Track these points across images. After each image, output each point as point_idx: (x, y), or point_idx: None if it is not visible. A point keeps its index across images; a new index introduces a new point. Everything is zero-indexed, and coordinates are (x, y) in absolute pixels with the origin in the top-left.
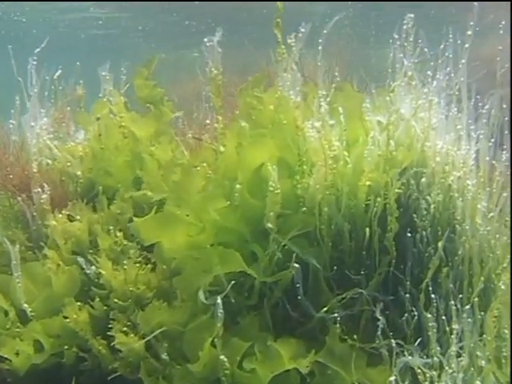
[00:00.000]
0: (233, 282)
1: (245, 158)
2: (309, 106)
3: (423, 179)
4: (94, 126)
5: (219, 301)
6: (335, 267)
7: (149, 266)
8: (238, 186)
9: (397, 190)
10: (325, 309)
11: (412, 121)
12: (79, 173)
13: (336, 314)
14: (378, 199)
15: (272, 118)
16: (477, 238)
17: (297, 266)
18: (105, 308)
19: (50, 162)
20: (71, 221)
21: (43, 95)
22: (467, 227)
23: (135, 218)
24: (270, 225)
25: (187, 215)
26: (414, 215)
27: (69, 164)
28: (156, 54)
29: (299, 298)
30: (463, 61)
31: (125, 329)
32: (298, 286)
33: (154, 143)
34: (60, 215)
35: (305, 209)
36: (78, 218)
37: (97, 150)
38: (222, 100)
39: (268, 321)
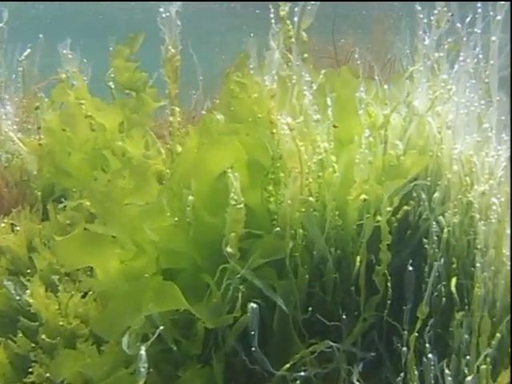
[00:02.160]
0: (166, 324)
1: (202, 161)
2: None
3: (436, 194)
4: (48, 116)
5: (143, 351)
6: (310, 308)
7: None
8: (190, 197)
9: (405, 208)
10: (287, 365)
11: (428, 116)
12: (36, 172)
13: (303, 373)
14: (375, 218)
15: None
16: (503, 275)
17: (254, 306)
18: (33, 345)
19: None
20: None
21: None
22: (491, 260)
23: (56, 237)
24: (229, 249)
25: (114, 236)
26: (425, 240)
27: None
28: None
29: (253, 349)
30: (494, 38)
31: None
32: (252, 333)
33: (124, 137)
34: (3, 224)
35: (278, 229)
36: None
37: (52, 145)
38: (178, 87)
39: (218, 376)
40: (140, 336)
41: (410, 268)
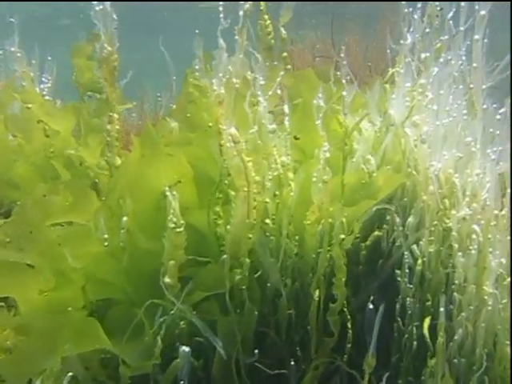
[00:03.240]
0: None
1: (141, 177)
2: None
3: (410, 218)
4: None
5: None
6: (256, 351)
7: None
8: (124, 218)
9: (376, 233)
10: None
11: (405, 127)
12: None
13: None
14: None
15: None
16: (484, 315)
17: (186, 349)
18: None
19: None
20: None
21: None
22: (471, 298)
23: None
24: (167, 279)
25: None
26: (398, 272)
27: None
28: None
29: None
30: (477, 37)
31: None
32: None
33: (79, 144)
34: None
35: (226, 257)
36: None
37: None
38: (116, 90)
39: None
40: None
41: (371, 306)
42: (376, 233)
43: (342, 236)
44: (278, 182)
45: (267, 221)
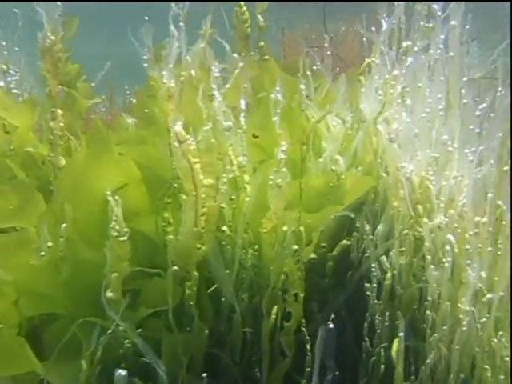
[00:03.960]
0: None
1: (84, 179)
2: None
3: (380, 226)
4: None
5: None
6: (205, 374)
7: None
8: (63, 225)
9: (344, 242)
10: None
11: (376, 124)
12: None
13: None
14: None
15: None
16: (460, 337)
17: (122, 373)
18: None
19: None
20: None
21: None
22: (445, 316)
23: None
24: (110, 294)
25: None
26: (368, 285)
27: None
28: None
29: None
30: (453, 22)
31: None
32: None
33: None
34: None
35: (176, 268)
36: None
37: None
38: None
39: None
40: None
41: (331, 325)
42: (344, 242)
43: (295, 247)
44: (234, 185)
45: (224, 228)
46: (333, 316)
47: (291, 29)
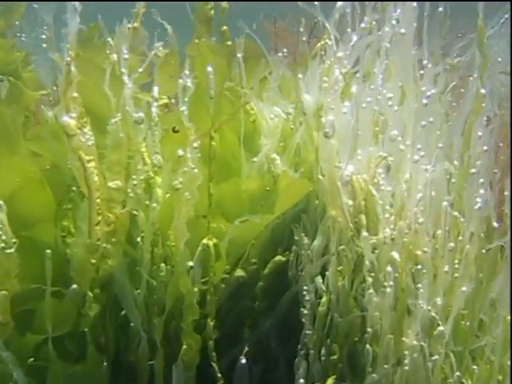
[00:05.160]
0: None
1: None
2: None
3: (316, 241)
4: None
5: None
6: None
7: None
8: None
9: (278, 258)
10: None
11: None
12: None
13: None
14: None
15: None
16: (403, 376)
17: None
18: None
19: None
20: None
21: None
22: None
23: None
24: None
25: None
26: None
27: None
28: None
29: None
30: None
31: None
32: None
33: None
34: None
35: (75, 287)
36: None
37: None
38: None
39: None
40: None
41: (243, 360)
42: (278, 258)
43: (190, 263)
44: (148, 188)
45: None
46: (262, 347)
47: (284, 18)
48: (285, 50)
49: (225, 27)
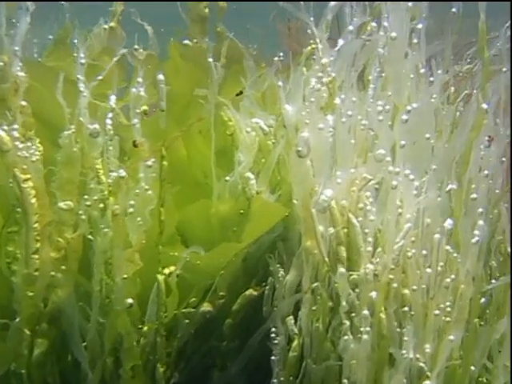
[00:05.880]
0: None
1: None
2: None
3: (289, 276)
4: None
5: None
6: None
7: None
8: None
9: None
10: None
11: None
12: None
13: None
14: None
15: None
16: None
17: None
18: None
19: None
20: None
21: None
22: None
23: None
24: None
25: None
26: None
27: None
28: None
29: None
30: None
31: None
32: None
33: None
34: None
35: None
36: None
37: None
38: None
39: None
40: None
41: None
42: (249, 291)
43: (130, 301)
44: (102, 209)
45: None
46: None
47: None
48: (281, 54)
49: (221, 27)
